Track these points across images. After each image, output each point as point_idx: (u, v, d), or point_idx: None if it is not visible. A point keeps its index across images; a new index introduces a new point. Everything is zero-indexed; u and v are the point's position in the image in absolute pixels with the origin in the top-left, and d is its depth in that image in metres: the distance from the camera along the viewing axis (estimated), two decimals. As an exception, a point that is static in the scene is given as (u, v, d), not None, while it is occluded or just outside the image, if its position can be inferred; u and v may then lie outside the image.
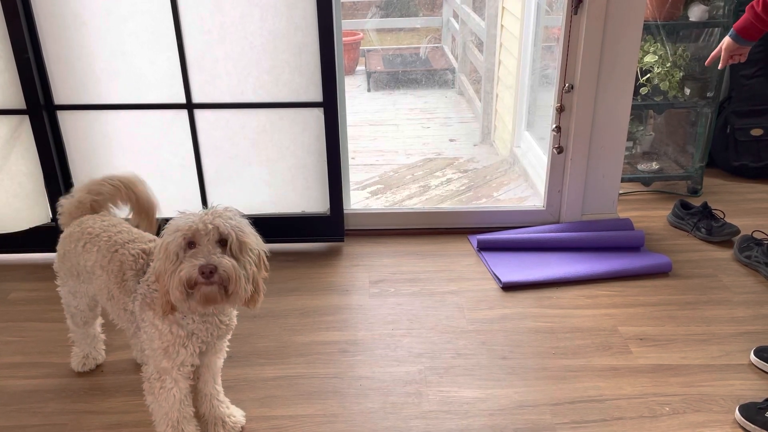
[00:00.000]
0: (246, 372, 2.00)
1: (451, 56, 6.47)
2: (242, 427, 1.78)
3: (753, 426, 1.72)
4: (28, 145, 2.50)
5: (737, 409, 1.78)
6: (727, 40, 2.07)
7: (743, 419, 1.75)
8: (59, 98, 2.47)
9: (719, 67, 2.15)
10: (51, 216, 2.64)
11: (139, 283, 1.56)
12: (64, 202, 1.81)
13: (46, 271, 2.57)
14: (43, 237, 2.63)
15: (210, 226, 1.36)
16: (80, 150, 2.57)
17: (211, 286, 1.36)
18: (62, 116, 2.50)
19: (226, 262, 1.36)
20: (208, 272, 1.34)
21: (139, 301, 1.54)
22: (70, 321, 1.92)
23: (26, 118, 2.46)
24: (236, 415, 1.78)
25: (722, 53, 2.10)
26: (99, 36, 2.39)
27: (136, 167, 2.61)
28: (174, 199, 2.65)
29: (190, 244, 1.37)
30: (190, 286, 1.37)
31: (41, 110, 2.44)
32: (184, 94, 2.47)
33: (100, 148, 2.57)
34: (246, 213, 2.69)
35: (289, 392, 1.91)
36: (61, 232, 1.80)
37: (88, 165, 2.59)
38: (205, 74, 2.45)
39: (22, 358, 2.08)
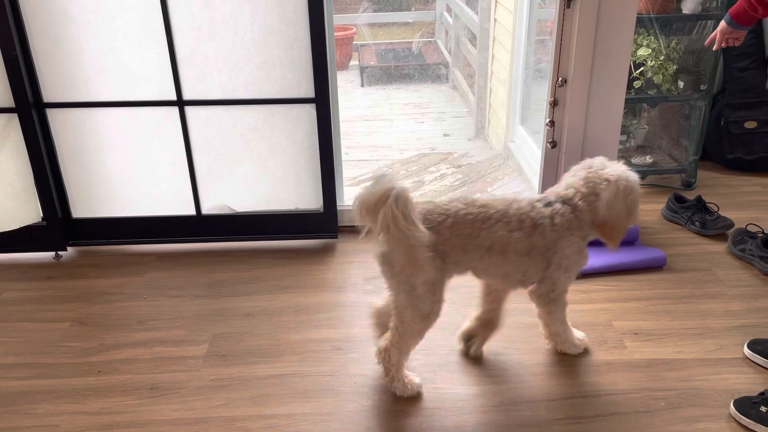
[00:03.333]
0: (240, 370, 1.99)
1: (444, 50, 6.46)
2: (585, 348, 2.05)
3: (747, 420, 1.72)
4: (17, 143, 2.48)
5: (732, 403, 1.78)
6: (722, 23, 2.17)
7: (738, 413, 1.75)
8: (48, 96, 2.45)
9: (714, 49, 2.28)
10: (42, 215, 2.62)
11: (543, 217, 1.78)
12: (363, 197, 1.60)
13: (38, 271, 2.55)
14: (35, 236, 2.61)
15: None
16: (70, 148, 2.55)
17: None
18: (51, 114, 2.48)
19: None
20: None
21: (552, 228, 1.79)
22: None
23: (15, 117, 2.43)
24: (579, 334, 2.08)
25: (717, 35, 2.21)
26: (88, 33, 2.36)
27: (127, 165, 2.60)
28: (165, 196, 2.64)
29: None
30: None
31: (30, 108, 2.41)
32: (174, 91, 2.45)
33: (91, 146, 2.55)
34: (238, 210, 2.68)
35: (283, 391, 1.90)
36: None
37: (78, 163, 2.57)
38: (195, 71, 2.43)
39: (14, 359, 2.07)
